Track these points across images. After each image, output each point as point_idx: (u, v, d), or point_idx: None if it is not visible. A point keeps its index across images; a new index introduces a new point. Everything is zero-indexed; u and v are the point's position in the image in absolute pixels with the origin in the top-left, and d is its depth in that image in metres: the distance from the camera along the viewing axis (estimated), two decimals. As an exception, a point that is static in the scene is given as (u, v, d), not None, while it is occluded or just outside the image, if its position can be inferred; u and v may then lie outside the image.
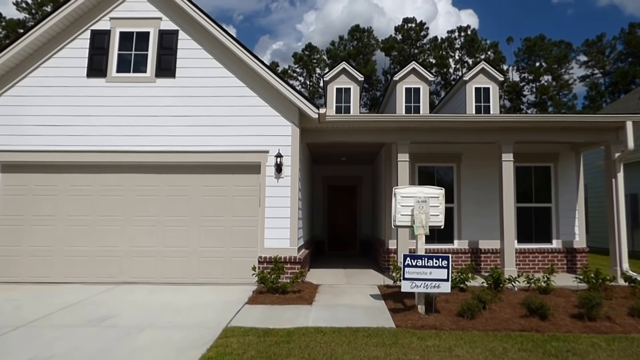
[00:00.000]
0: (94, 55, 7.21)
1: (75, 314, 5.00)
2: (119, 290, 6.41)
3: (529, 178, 8.73)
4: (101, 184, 7.18)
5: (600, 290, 5.96)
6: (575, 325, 4.52)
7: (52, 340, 3.99)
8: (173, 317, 4.83)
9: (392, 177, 8.24)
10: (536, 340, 4.05)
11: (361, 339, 4.02)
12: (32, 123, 7.08)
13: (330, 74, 12.43)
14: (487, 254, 8.37)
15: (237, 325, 4.49)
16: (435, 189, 5.48)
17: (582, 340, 4.03)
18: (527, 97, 39.07)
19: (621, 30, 36.28)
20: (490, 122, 7.62)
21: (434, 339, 4.02)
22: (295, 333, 4.17)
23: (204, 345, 3.83)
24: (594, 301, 4.63)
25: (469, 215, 8.51)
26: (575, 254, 8.46)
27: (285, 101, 7.08)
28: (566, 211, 8.59)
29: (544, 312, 4.66)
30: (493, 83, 12.05)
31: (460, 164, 8.69)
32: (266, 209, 6.94)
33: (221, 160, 7.06)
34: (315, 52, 40.75)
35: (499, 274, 6.09)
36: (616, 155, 7.54)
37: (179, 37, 7.25)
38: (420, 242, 5.23)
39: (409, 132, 7.59)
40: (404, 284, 4.92)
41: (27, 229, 7.06)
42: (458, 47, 40.01)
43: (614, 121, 7.51)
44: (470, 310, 4.72)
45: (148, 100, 7.13)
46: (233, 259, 7.00)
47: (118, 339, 4.04)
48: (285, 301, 5.58)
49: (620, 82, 34.63)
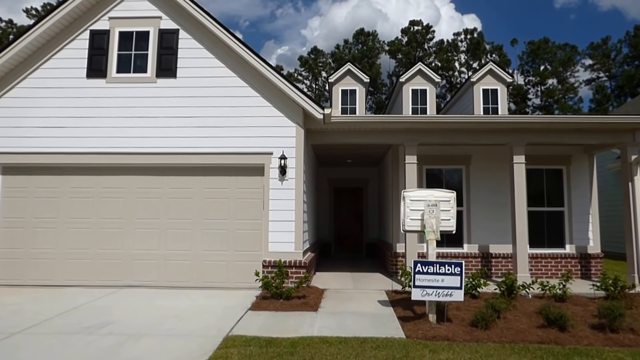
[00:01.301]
0: (93, 55, 7.09)
1: (74, 319, 4.83)
2: (121, 294, 6.25)
3: (540, 181, 8.46)
4: (103, 186, 7.05)
5: (619, 299, 5.68)
6: (597, 338, 4.25)
7: (45, 350, 3.81)
8: (173, 324, 4.64)
9: (400, 180, 8.02)
10: (557, 354, 3.79)
11: (369, 350, 3.79)
12: (32, 125, 6.96)
13: (335, 76, 12.26)
14: (498, 259, 8.11)
15: (239, 333, 4.28)
16: (446, 192, 5.25)
17: (606, 355, 3.77)
18: (532, 101, 38.65)
19: (626, 33, 35.85)
20: (501, 123, 7.39)
21: (447, 352, 3.78)
22: (299, 343, 3.95)
23: (203, 357, 3.62)
24: (616, 312, 4.36)
25: (479, 218, 8.26)
26: (590, 260, 8.16)
27: (289, 101, 6.90)
28: (579, 215, 8.31)
29: (563, 322, 4.40)
30: (501, 84, 11.80)
31: (469, 166, 8.45)
32: (270, 212, 6.75)
33: (224, 162, 6.89)
34: (320, 56, 40.66)
35: (513, 280, 5.83)
36: (632, 157, 7.27)
37: (179, 36, 7.11)
38: (431, 247, 4.99)
39: (417, 133, 7.38)
40: (415, 292, 4.69)
41: (29, 232, 6.95)
42: (464, 50, 39.72)
43: (631, 122, 7.24)
44: (485, 319, 4.47)
45: (149, 101, 6.99)
46: (236, 263, 6.81)
47: (113, 348, 3.85)
48: (290, 307, 5.37)
49: (627, 86, 34.10)
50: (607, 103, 34.98)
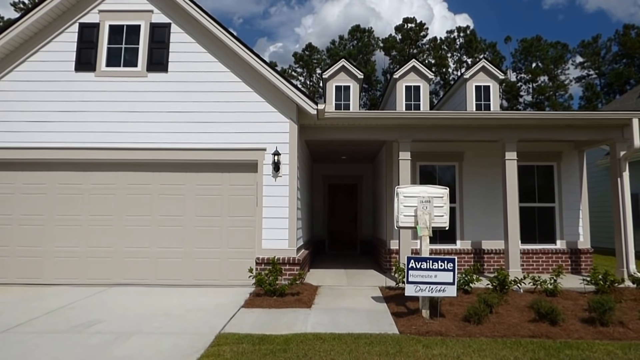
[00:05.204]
0: (82, 49, 6.93)
1: (61, 318, 4.73)
2: (110, 292, 6.15)
3: (532, 177, 8.53)
4: (92, 182, 6.92)
5: (609, 293, 5.76)
6: (587, 331, 4.30)
7: (30, 349, 3.72)
8: (163, 322, 4.57)
9: (393, 176, 8.02)
10: (548, 347, 3.82)
11: (363, 347, 3.78)
12: (19, 119, 6.80)
13: (329, 72, 12.18)
14: (491, 255, 8.17)
15: (232, 331, 4.24)
16: (439, 189, 5.25)
17: (596, 348, 3.81)
18: (524, 98, 38.99)
19: (616, 32, 36.30)
20: (494, 120, 7.42)
21: (440, 347, 3.79)
22: (292, 340, 3.93)
23: (194, 354, 3.58)
24: (606, 305, 4.41)
25: (472, 215, 8.31)
26: (580, 255, 8.27)
27: (282, 97, 6.83)
28: (570, 211, 8.40)
29: (554, 317, 4.44)
30: (493, 81, 11.84)
31: (462, 163, 8.48)
32: (264, 208, 6.70)
33: (216, 158, 6.81)
34: (315, 52, 40.44)
35: (505, 275, 5.87)
36: (621, 153, 7.35)
37: (171, 30, 6.99)
38: (424, 243, 5.00)
39: (410, 129, 7.38)
40: (408, 288, 4.69)
41: (15, 229, 6.80)
42: (457, 48, 39.86)
43: (620, 118, 7.32)
44: (477, 314, 4.50)
45: (139, 96, 6.87)
46: (229, 260, 6.76)
47: (102, 347, 3.78)
48: (284, 304, 5.34)
49: (615, 83, 34.62)
50: (597, 100, 35.46)
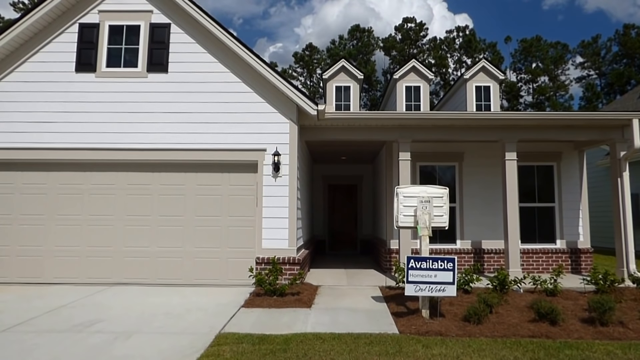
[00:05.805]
0: (82, 49, 6.94)
1: (61, 317, 4.74)
2: (111, 291, 6.16)
3: (532, 177, 8.53)
4: (92, 182, 6.93)
5: (609, 293, 5.76)
6: (587, 331, 4.30)
7: (29, 349, 3.73)
8: (164, 322, 4.58)
9: (393, 176, 8.03)
10: (548, 347, 3.82)
11: (363, 346, 3.78)
12: (19, 119, 6.81)
13: (329, 72, 12.19)
14: (491, 254, 8.17)
15: (232, 331, 4.25)
16: (438, 189, 5.26)
17: (596, 348, 3.81)
18: (524, 98, 38.97)
19: (616, 32, 36.26)
20: (494, 120, 7.42)
21: (440, 347, 3.79)
22: (292, 340, 3.93)
23: (194, 354, 3.58)
24: (606, 305, 4.41)
25: (472, 215, 8.31)
26: (580, 255, 8.27)
27: (282, 97, 6.84)
28: (570, 211, 8.40)
29: (554, 316, 4.44)
30: (493, 82, 11.85)
31: (462, 163, 8.49)
32: (264, 208, 6.71)
33: (217, 159, 6.82)
34: (315, 52, 40.45)
35: (505, 275, 5.87)
36: (621, 153, 7.35)
37: (171, 30, 7.00)
38: (424, 243, 5.00)
39: (410, 130, 7.38)
40: (408, 288, 4.69)
41: (16, 229, 6.81)
42: (457, 48, 39.85)
43: (620, 119, 7.31)
44: (477, 314, 4.50)
45: (140, 96, 6.87)
46: (229, 260, 6.76)
47: (102, 346, 3.79)
48: (284, 304, 5.34)
49: (616, 83, 34.57)
50: (597, 101, 35.43)
